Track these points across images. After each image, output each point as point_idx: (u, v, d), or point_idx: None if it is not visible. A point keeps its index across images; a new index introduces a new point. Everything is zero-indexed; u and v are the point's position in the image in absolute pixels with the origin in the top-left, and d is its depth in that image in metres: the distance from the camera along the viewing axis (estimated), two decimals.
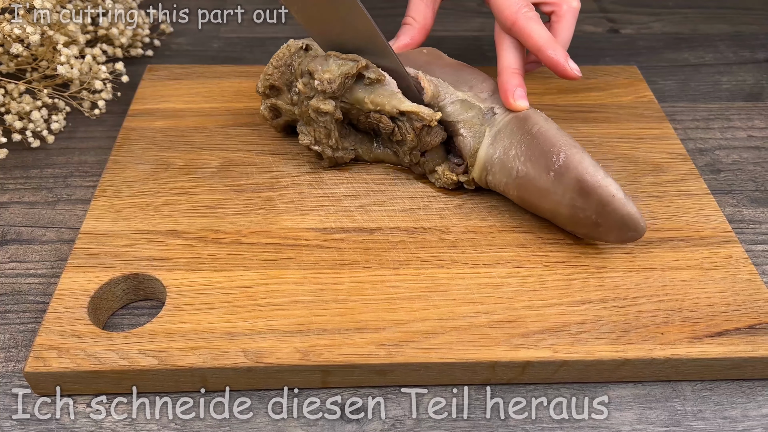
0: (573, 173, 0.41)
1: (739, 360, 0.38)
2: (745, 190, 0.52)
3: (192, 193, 0.47)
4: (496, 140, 0.45)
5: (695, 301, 0.41)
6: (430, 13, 0.52)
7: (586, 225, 0.42)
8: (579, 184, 0.41)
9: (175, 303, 0.40)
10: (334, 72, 0.45)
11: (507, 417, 0.38)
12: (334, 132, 0.47)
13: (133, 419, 0.37)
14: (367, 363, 0.37)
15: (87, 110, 0.56)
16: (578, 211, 0.42)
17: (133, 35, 0.64)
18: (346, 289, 0.41)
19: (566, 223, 0.43)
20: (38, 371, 0.36)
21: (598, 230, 0.42)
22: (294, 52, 0.48)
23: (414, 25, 0.52)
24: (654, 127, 0.55)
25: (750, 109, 0.61)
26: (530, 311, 0.40)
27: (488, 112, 0.46)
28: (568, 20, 0.51)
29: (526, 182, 0.43)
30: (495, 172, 0.45)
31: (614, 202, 0.40)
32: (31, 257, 0.45)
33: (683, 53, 0.69)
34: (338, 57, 0.46)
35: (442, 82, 0.47)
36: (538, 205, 0.44)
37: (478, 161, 0.45)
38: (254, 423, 0.37)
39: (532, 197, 0.43)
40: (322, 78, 0.45)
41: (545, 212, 0.44)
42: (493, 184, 0.45)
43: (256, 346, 0.38)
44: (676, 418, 0.38)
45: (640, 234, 0.42)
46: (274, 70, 0.49)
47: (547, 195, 0.42)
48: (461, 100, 0.46)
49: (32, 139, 0.53)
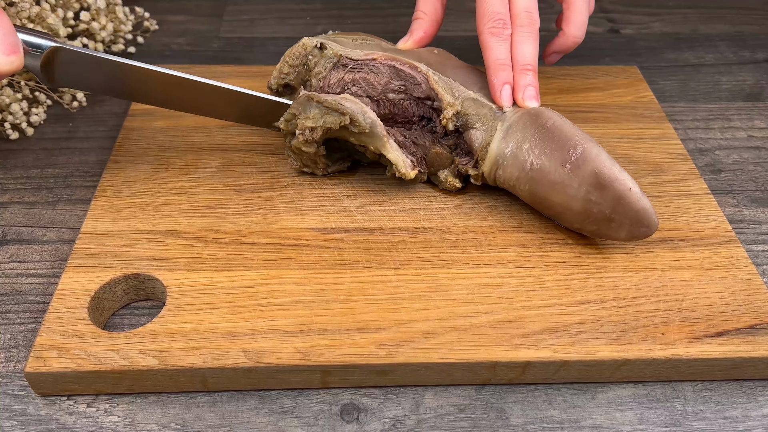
0: (590, 166, 0.41)
1: (739, 360, 0.38)
2: (745, 190, 0.52)
3: (192, 193, 0.47)
4: (508, 134, 0.45)
5: (696, 301, 0.41)
6: (440, 5, 0.52)
7: (597, 220, 0.42)
8: (596, 177, 0.41)
9: (175, 303, 0.40)
10: (317, 121, 0.44)
11: (507, 417, 0.38)
12: (320, 160, 0.48)
13: (133, 419, 0.37)
14: (368, 363, 0.37)
15: (67, 103, 0.56)
16: (592, 205, 0.42)
17: (115, 30, 0.64)
18: (346, 290, 0.41)
19: (576, 219, 0.43)
20: (38, 371, 0.36)
21: (610, 226, 0.42)
22: (309, 50, 0.48)
23: (425, 18, 0.51)
24: (654, 127, 0.55)
25: (750, 109, 0.61)
26: (531, 311, 0.40)
27: (498, 110, 0.46)
28: (578, 5, 0.51)
29: (540, 176, 0.43)
30: (506, 166, 0.45)
31: (630, 195, 0.41)
32: (31, 257, 0.45)
33: (683, 53, 0.69)
34: (321, 103, 0.44)
35: (453, 82, 0.47)
36: (549, 200, 0.43)
37: (490, 155, 0.45)
38: (254, 423, 0.37)
39: (545, 191, 0.43)
40: (303, 126, 0.45)
41: (555, 207, 0.44)
42: (503, 179, 0.45)
43: (256, 346, 0.38)
44: (677, 419, 0.38)
45: (652, 230, 0.42)
46: (290, 69, 0.49)
47: (561, 188, 0.42)
48: (473, 99, 0.46)
49: (11, 131, 0.53)
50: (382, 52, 0.48)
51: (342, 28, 0.70)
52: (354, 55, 0.48)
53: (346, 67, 0.47)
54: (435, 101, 0.47)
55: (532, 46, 0.47)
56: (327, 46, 0.48)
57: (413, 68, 0.47)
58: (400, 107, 0.47)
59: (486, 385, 0.39)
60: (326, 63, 0.47)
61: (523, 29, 0.48)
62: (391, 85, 0.47)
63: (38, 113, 0.55)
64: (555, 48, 0.54)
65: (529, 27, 0.48)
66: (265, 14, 0.73)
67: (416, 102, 0.47)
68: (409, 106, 0.47)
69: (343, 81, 0.47)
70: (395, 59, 0.48)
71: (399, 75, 0.47)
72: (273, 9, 0.74)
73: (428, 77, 0.47)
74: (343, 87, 0.47)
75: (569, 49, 0.53)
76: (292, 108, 0.46)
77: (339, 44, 0.48)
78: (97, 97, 0.59)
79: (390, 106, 0.47)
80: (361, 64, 0.47)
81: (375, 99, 0.47)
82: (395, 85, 0.47)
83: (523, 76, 0.47)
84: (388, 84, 0.47)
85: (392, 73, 0.47)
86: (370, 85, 0.47)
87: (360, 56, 0.48)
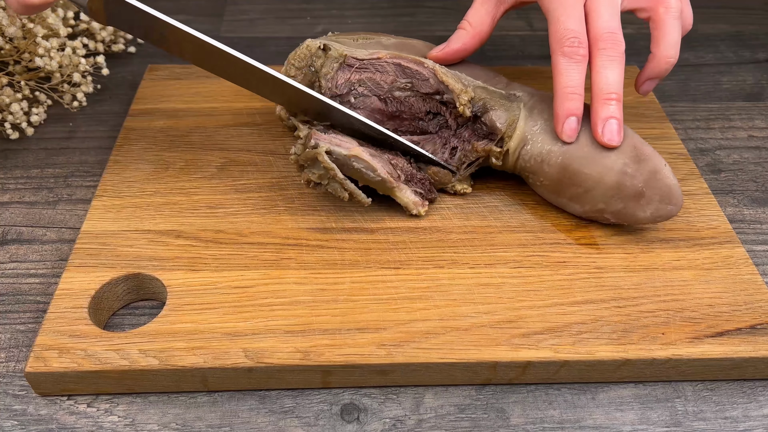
0: (629, 140, 0.43)
1: (740, 360, 0.38)
2: (745, 190, 0.52)
3: (192, 193, 0.47)
4: (533, 114, 0.45)
5: (696, 301, 0.41)
6: (489, 21, 0.48)
7: (627, 195, 0.43)
8: (635, 150, 0.43)
9: (175, 303, 0.40)
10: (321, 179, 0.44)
11: (508, 417, 0.38)
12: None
13: (133, 419, 0.37)
14: (368, 363, 0.37)
15: (67, 103, 0.56)
16: (627, 178, 0.42)
17: (115, 30, 0.64)
18: (346, 289, 0.41)
19: (605, 195, 0.43)
20: (39, 371, 0.36)
21: (638, 203, 0.43)
22: (314, 52, 0.48)
23: (469, 31, 0.48)
24: (655, 127, 0.55)
25: (750, 109, 0.61)
26: (531, 311, 0.40)
27: (510, 95, 0.46)
28: (667, 24, 0.45)
29: (576, 148, 0.43)
30: (536, 142, 0.45)
31: (664, 170, 0.42)
32: (31, 257, 0.45)
33: (683, 53, 0.69)
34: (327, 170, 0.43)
35: (459, 74, 0.48)
36: (582, 173, 0.43)
37: (517, 132, 0.45)
38: (254, 423, 0.37)
39: (579, 164, 0.43)
40: (308, 179, 0.44)
41: (586, 182, 0.43)
42: (528, 156, 0.45)
43: (256, 346, 0.38)
44: (677, 419, 0.38)
45: (677, 208, 0.43)
46: (297, 72, 0.49)
47: (599, 160, 0.43)
48: (482, 87, 0.47)
49: (11, 131, 0.53)
50: (386, 51, 0.48)
51: (342, 28, 0.70)
52: (359, 54, 0.48)
53: (352, 67, 0.47)
54: (445, 94, 0.47)
55: (617, 72, 0.43)
56: (330, 47, 0.48)
57: (419, 64, 0.47)
58: (407, 104, 0.47)
59: (486, 385, 0.39)
60: (332, 63, 0.47)
61: (606, 52, 0.43)
62: (397, 83, 0.47)
63: (38, 113, 0.55)
64: (648, 74, 0.47)
65: (613, 50, 0.43)
66: (265, 14, 0.73)
67: (423, 98, 0.47)
68: (416, 102, 0.47)
69: (350, 81, 0.47)
70: (400, 57, 0.48)
71: (405, 72, 0.47)
72: (273, 9, 0.74)
73: (436, 71, 0.47)
74: (350, 87, 0.47)
75: (663, 73, 0.46)
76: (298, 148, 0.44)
77: (342, 44, 0.48)
78: (97, 97, 0.59)
79: (397, 104, 0.47)
80: (367, 63, 0.47)
81: (382, 98, 0.47)
82: (401, 83, 0.47)
83: (605, 106, 0.42)
84: (395, 82, 0.47)
85: (398, 71, 0.47)
86: (376, 85, 0.47)
87: (365, 56, 0.48)
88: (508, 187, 0.49)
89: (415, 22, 0.72)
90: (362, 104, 0.47)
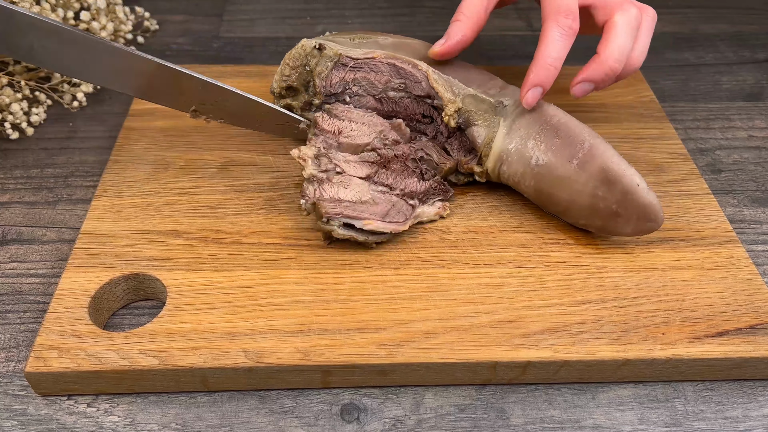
0: (598, 161, 0.42)
1: (740, 360, 0.38)
2: (746, 190, 0.52)
3: (192, 193, 0.47)
4: (511, 131, 0.45)
5: (696, 301, 0.41)
6: (482, 10, 0.47)
7: (604, 216, 0.42)
8: (604, 172, 0.42)
9: (175, 303, 0.40)
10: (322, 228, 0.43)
11: (508, 417, 0.38)
12: None
13: (133, 419, 0.37)
14: (368, 363, 0.37)
15: (67, 103, 0.56)
16: (599, 200, 0.42)
17: (115, 30, 0.64)
18: (346, 289, 0.41)
19: (582, 214, 0.43)
20: (39, 371, 0.36)
21: (616, 221, 0.42)
22: (309, 52, 0.48)
23: (464, 21, 0.47)
24: (654, 127, 0.55)
25: (750, 109, 0.61)
26: (531, 311, 0.40)
27: (498, 105, 0.46)
28: (620, 28, 0.45)
29: (546, 171, 0.43)
30: (511, 162, 0.45)
31: (638, 191, 0.41)
32: (31, 257, 0.45)
33: (683, 53, 0.69)
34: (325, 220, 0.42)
35: (453, 79, 0.47)
36: (555, 196, 0.43)
37: (493, 151, 0.45)
38: (254, 423, 0.37)
39: (551, 187, 0.43)
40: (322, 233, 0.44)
41: (561, 203, 0.44)
42: (507, 175, 0.45)
43: (256, 346, 0.38)
44: (677, 419, 0.38)
45: (658, 225, 0.42)
46: (292, 71, 0.49)
47: (568, 184, 0.43)
48: (472, 95, 0.46)
49: (11, 131, 0.53)
50: (381, 51, 0.48)
51: (342, 28, 0.70)
52: (354, 54, 0.48)
53: (347, 66, 0.47)
54: (435, 99, 0.47)
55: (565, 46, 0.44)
56: (326, 46, 0.48)
57: (414, 66, 0.47)
58: (401, 105, 0.47)
59: (486, 385, 0.39)
60: (327, 62, 0.47)
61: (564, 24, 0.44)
62: (391, 83, 0.47)
63: (38, 113, 0.55)
64: (587, 74, 0.46)
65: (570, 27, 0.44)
66: (265, 14, 0.73)
67: (416, 100, 0.47)
68: (410, 104, 0.47)
69: (344, 80, 0.47)
70: (395, 57, 0.48)
71: (399, 73, 0.47)
72: (273, 9, 0.74)
73: (428, 75, 0.47)
74: (344, 86, 0.47)
75: (601, 80, 0.45)
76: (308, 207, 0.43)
77: (338, 44, 0.48)
78: (97, 96, 0.59)
79: (392, 104, 0.47)
80: (361, 63, 0.47)
81: (377, 97, 0.47)
82: (395, 83, 0.47)
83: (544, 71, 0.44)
84: (389, 82, 0.47)
85: (392, 72, 0.47)
86: (370, 84, 0.47)
87: (360, 55, 0.48)
88: (508, 187, 0.49)
89: (415, 21, 0.72)
90: (358, 103, 0.47)
